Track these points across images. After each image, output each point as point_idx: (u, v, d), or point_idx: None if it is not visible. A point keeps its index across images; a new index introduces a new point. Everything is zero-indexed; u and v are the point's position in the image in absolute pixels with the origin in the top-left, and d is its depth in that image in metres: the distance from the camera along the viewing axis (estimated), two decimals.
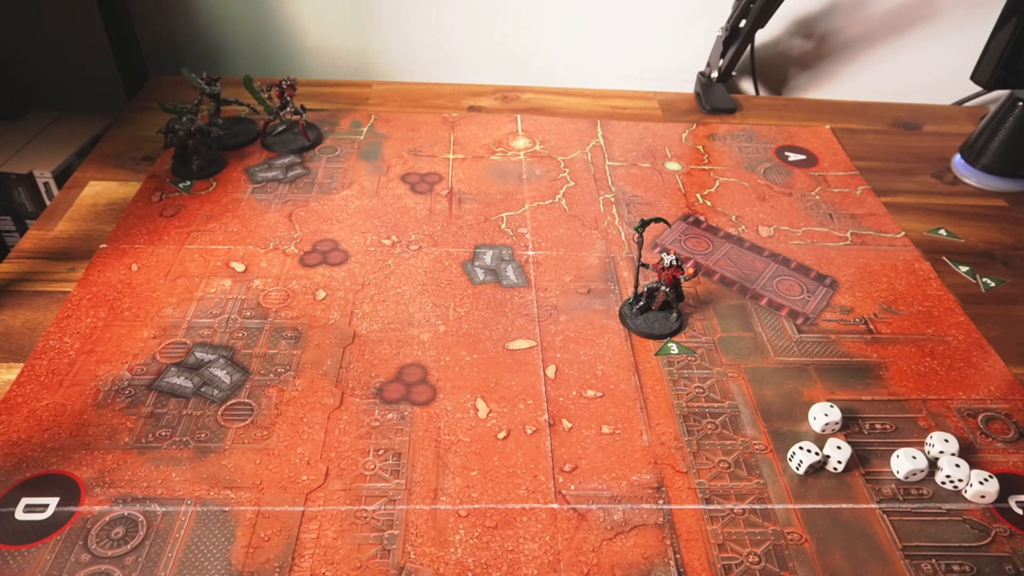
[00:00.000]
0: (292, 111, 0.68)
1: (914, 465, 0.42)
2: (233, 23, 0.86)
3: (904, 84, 0.90)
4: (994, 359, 0.51)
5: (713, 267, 0.58)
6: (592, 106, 0.81)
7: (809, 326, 0.53)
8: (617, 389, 0.47)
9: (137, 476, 0.40)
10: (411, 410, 0.45)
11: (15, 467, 0.40)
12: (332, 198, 0.62)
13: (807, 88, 0.94)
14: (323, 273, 0.54)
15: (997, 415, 0.47)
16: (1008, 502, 0.42)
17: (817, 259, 0.59)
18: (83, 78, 0.88)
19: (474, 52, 0.90)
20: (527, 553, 0.38)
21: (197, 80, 0.67)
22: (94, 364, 0.46)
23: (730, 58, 0.81)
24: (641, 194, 0.66)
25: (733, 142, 0.75)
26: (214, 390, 0.45)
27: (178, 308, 0.51)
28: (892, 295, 0.56)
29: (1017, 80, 0.68)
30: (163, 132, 0.63)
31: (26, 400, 0.44)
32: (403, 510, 0.39)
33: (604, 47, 0.90)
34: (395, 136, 0.72)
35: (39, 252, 0.56)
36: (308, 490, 0.40)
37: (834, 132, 0.78)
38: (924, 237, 0.63)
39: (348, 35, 0.88)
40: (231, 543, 0.37)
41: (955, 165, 0.73)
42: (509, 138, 0.73)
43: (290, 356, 0.48)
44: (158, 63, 0.87)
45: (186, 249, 0.56)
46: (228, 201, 0.61)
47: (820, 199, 0.67)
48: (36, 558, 0.36)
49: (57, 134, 0.78)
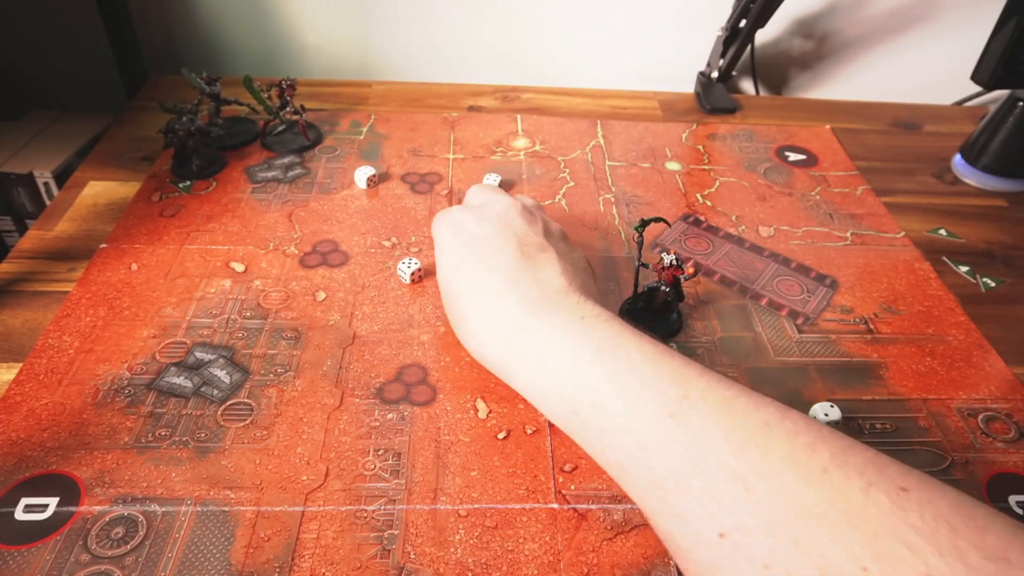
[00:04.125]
0: (292, 111, 0.68)
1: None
2: (233, 23, 0.86)
3: (904, 84, 0.90)
4: (994, 359, 0.51)
5: (713, 267, 0.58)
6: (592, 106, 0.81)
7: (809, 326, 0.53)
8: None
9: (137, 476, 0.40)
10: (411, 410, 0.45)
11: (14, 467, 0.40)
12: (332, 198, 0.62)
13: (807, 88, 0.94)
14: (323, 274, 0.54)
15: (997, 415, 0.47)
16: (1008, 502, 0.42)
17: (817, 259, 0.59)
18: (83, 78, 0.88)
19: (474, 52, 0.90)
20: (527, 553, 0.38)
21: (197, 80, 0.67)
22: (94, 363, 0.46)
23: (730, 58, 0.81)
24: (641, 194, 0.66)
25: (733, 142, 0.75)
26: (214, 390, 0.45)
27: (178, 308, 0.51)
28: (892, 295, 0.56)
29: (1017, 80, 0.68)
30: (163, 132, 0.63)
31: (25, 399, 0.44)
32: (403, 510, 0.39)
33: (604, 47, 0.90)
34: (395, 136, 0.72)
35: (39, 252, 0.56)
36: (308, 490, 0.40)
37: (834, 132, 0.78)
38: (924, 237, 0.63)
39: (348, 35, 0.88)
40: (231, 543, 0.37)
41: (955, 165, 0.73)
42: (509, 138, 0.73)
43: (290, 356, 0.48)
44: (158, 63, 0.87)
45: (186, 249, 0.56)
46: (228, 201, 0.61)
47: (820, 199, 0.67)
48: (36, 558, 0.36)
49: (57, 134, 0.78)
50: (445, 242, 0.46)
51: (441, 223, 0.48)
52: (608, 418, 0.35)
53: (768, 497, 0.27)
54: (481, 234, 0.45)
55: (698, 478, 0.30)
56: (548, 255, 0.43)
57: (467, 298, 0.43)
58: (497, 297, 0.41)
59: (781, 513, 0.27)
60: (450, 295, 0.45)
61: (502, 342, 0.41)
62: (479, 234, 0.45)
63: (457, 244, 0.45)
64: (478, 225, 0.45)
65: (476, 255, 0.44)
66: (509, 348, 0.41)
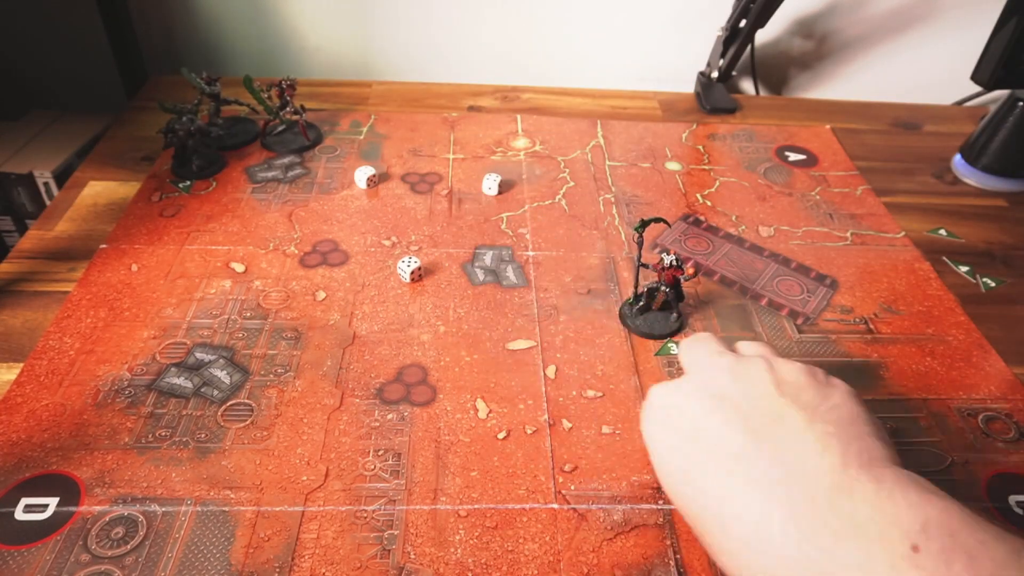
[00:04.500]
0: (292, 111, 0.68)
1: None
2: (233, 23, 0.86)
3: (904, 84, 0.90)
4: (994, 359, 0.51)
5: (713, 267, 0.58)
6: (592, 106, 0.81)
7: (809, 326, 0.53)
8: (617, 389, 0.47)
9: (137, 476, 0.40)
10: (411, 410, 0.45)
11: (15, 467, 0.40)
12: (332, 198, 0.62)
13: (807, 88, 0.94)
14: (323, 274, 0.54)
15: (998, 415, 0.47)
16: (1008, 502, 0.42)
17: (817, 259, 0.59)
18: (83, 78, 0.88)
19: (474, 52, 0.90)
20: (527, 553, 0.38)
21: (197, 80, 0.67)
22: (94, 364, 0.46)
23: (730, 58, 0.81)
24: (641, 194, 0.66)
25: (733, 142, 0.75)
26: (214, 390, 0.45)
27: (178, 308, 0.51)
28: (892, 295, 0.56)
29: (1017, 80, 0.68)
30: (163, 132, 0.63)
31: (26, 400, 0.44)
32: (403, 510, 0.39)
33: (604, 47, 0.90)
34: (395, 136, 0.72)
35: (39, 252, 0.56)
36: (308, 490, 0.40)
37: (834, 132, 0.78)
38: (924, 237, 0.63)
39: (348, 35, 0.88)
40: (231, 543, 0.37)
41: (955, 165, 0.73)
42: (509, 138, 0.73)
43: (290, 357, 0.48)
44: (158, 63, 0.87)
45: (186, 249, 0.56)
46: (228, 201, 0.61)
47: (820, 199, 0.67)
48: (36, 558, 0.36)
49: (57, 134, 0.78)
50: (664, 415, 0.36)
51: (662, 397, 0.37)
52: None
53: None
54: (695, 411, 0.35)
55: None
56: (790, 421, 0.32)
57: (693, 500, 0.33)
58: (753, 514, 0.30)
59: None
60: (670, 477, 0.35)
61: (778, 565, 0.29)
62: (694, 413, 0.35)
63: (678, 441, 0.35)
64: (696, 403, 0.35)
65: (692, 437, 0.34)
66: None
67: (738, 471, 0.31)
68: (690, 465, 0.33)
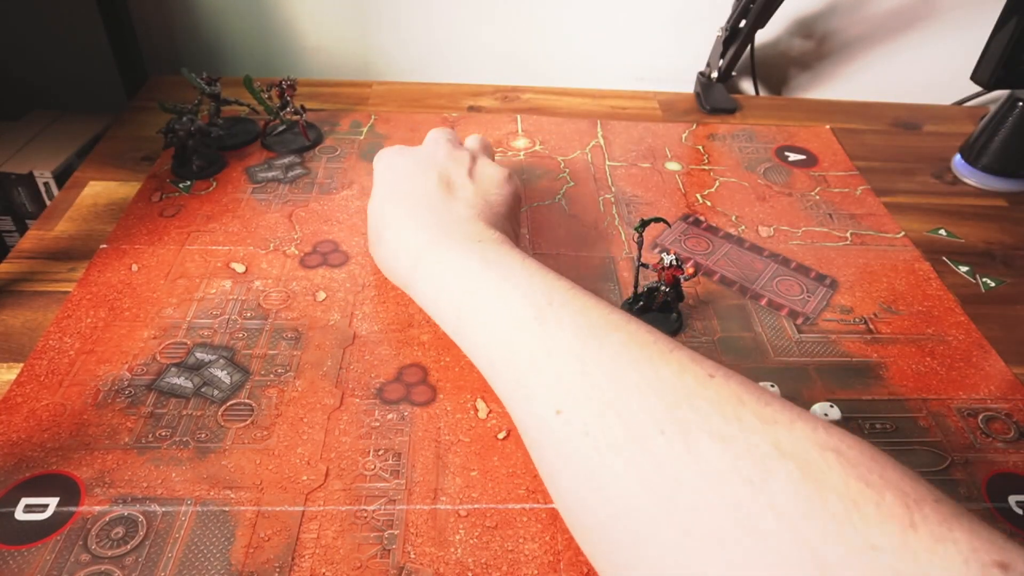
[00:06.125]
0: (292, 111, 0.68)
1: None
2: (233, 23, 0.86)
3: (904, 84, 0.90)
4: (994, 359, 0.51)
5: (713, 267, 0.58)
6: (592, 106, 0.81)
7: (809, 326, 0.53)
8: None
9: (137, 476, 0.40)
10: (411, 410, 0.45)
11: (15, 467, 0.40)
12: (332, 198, 0.62)
13: (807, 88, 0.94)
14: (323, 274, 0.54)
15: (997, 415, 0.47)
16: (1008, 502, 0.42)
17: (817, 259, 0.59)
18: (83, 78, 0.88)
19: (474, 52, 0.90)
20: (527, 553, 0.38)
21: (197, 80, 0.67)
22: (94, 364, 0.46)
23: (730, 58, 0.81)
24: (641, 194, 0.66)
25: (733, 142, 0.75)
26: (214, 390, 0.45)
27: (178, 308, 0.51)
28: (892, 295, 0.56)
29: (1017, 80, 0.68)
30: (163, 132, 0.63)
31: (26, 400, 0.44)
32: (403, 510, 0.39)
33: (604, 47, 0.90)
34: (395, 136, 0.72)
35: (39, 252, 0.56)
36: (308, 490, 0.40)
37: (834, 132, 0.78)
38: (924, 237, 0.63)
39: (348, 35, 0.88)
40: (231, 543, 0.37)
41: (955, 165, 0.73)
42: (509, 138, 0.73)
43: (290, 357, 0.48)
44: (158, 63, 0.87)
45: (186, 249, 0.56)
46: (228, 201, 0.61)
47: (820, 199, 0.67)
48: (36, 558, 0.36)
49: (57, 134, 0.78)
50: (378, 175, 0.53)
51: (379, 159, 0.54)
52: (483, 317, 0.40)
53: (599, 377, 0.33)
54: (408, 170, 0.51)
55: (550, 366, 0.35)
56: (465, 191, 0.49)
57: (384, 222, 0.49)
58: (411, 220, 0.47)
59: (606, 388, 0.32)
60: (372, 219, 0.51)
61: (409, 260, 0.46)
62: (407, 170, 0.51)
63: (388, 178, 0.52)
64: (410, 162, 0.52)
65: (400, 187, 0.50)
66: (414, 265, 0.46)
67: (419, 201, 0.48)
68: (389, 193, 0.51)
